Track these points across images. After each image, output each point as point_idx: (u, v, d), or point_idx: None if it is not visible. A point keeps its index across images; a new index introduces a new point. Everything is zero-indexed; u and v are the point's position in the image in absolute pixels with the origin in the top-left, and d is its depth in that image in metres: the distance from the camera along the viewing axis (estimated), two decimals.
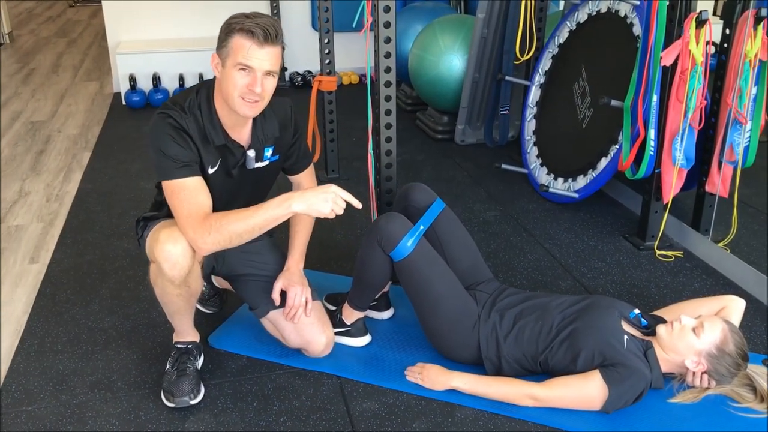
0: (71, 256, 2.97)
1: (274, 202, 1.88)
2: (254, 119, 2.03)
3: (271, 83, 1.93)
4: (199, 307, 2.52)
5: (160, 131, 1.92)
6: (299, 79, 5.62)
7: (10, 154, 4.21)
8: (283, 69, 5.66)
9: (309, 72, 5.68)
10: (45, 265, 2.90)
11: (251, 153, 2.06)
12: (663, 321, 2.14)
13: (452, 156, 4.12)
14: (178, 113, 1.93)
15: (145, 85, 5.14)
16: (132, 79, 5.04)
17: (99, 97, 5.46)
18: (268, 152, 2.10)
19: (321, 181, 3.67)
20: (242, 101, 1.91)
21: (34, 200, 3.56)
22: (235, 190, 2.10)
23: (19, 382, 2.20)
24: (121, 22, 5.39)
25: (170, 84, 5.17)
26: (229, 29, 1.86)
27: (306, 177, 2.33)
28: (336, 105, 3.73)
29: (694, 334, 2.02)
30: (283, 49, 1.93)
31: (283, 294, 2.16)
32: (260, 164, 2.10)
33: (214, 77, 1.98)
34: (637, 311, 2.16)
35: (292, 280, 2.17)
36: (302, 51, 5.64)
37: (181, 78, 5.11)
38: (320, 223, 3.21)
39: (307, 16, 5.70)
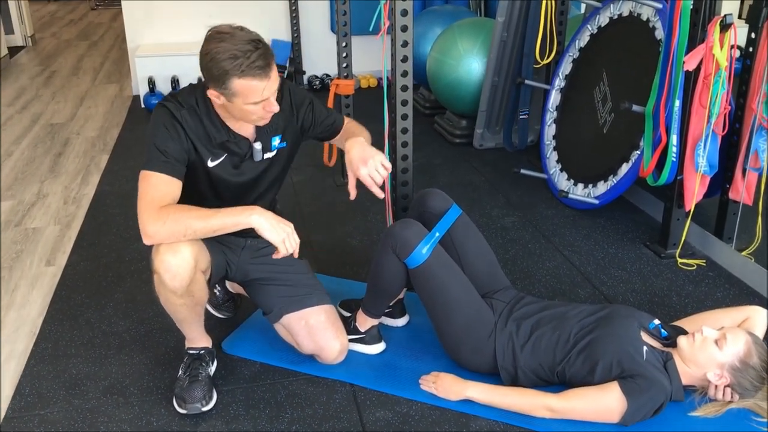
0: (87, 258, 2.97)
1: (237, 209, 1.88)
2: None
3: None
4: (213, 312, 2.51)
5: (155, 122, 1.93)
6: (317, 82, 5.61)
7: (30, 156, 4.24)
8: (302, 72, 5.66)
9: (327, 75, 5.67)
10: (61, 268, 2.90)
11: (258, 146, 2.04)
12: (684, 332, 2.08)
13: (470, 160, 4.08)
14: (175, 105, 1.94)
15: (164, 88, 5.16)
16: (151, 82, 5.06)
17: (118, 99, 5.49)
18: (276, 141, 2.09)
19: (338, 186, 3.69)
20: (261, 120, 1.95)
21: (51, 202, 3.58)
22: (247, 182, 2.08)
23: (33, 385, 2.20)
24: (140, 25, 5.41)
25: None
26: (225, 74, 1.79)
27: (350, 127, 2.29)
28: (353, 108, 3.70)
29: (716, 347, 1.97)
30: None
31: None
32: (269, 155, 2.09)
33: None
34: (657, 321, 2.11)
35: (352, 160, 2.06)
36: (320, 54, 5.64)
37: (199, 81, 5.11)
38: (334, 229, 3.22)
39: (326, 19, 5.69)
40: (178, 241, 1.86)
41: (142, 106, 5.14)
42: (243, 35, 1.83)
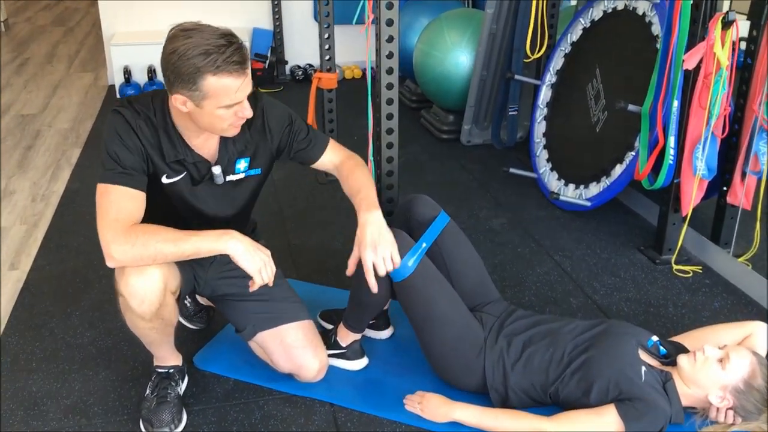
0: (53, 262, 2.81)
1: (213, 234, 1.72)
2: None
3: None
4: (185, 323, 2.36)
5: (110, 129, 1.76)
6: (300, 72, 5.43)
7: None
8: (284, 62, 5.49)
9: (310, 65, 5.50)
10: (25, 273, 2.74)
11: (216, 170, 1.87)
12: (683, 349, 1.97)
13: (458, 157, 3.95)
14: (131, 113, 1.76)
15: (140, 78, 4.96)
16: (127, 72, 4.87)
17: (93, 89, 5.29)
18: (241, 164, 1.92)
19: (321, 184, 3.54)
20: (232, 127, 1.78)
21: (18, 200, 3.40)
22: (205, 202, 1.92)
23: None
24: (116, 13, 5.20)
25: None
26: (196, 72, 1.62)
27: (352, 168, 2.06)
28: (336, 102, 3.56)
29: (719, 367, 1.85)
30: None
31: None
32: (233, 177, 1.92)
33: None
34: (655, 338, 2.00)
35: (363, 240, 1.88)
36: (303, 43, 5.47)
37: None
38: (316, 231, 3.07)
39: (309, 7, 5.51)
40: (145, 265, 1.70)
41: (118, 96, 4.95)
42: (212, 30, 1.66)
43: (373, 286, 1.88)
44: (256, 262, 1.74)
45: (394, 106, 2.33)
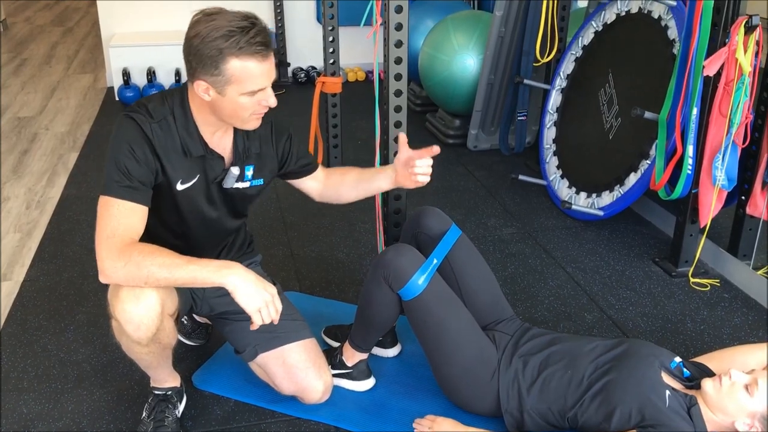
0: (48, 273, 2.71)
1: (212, 265, 1.58)
2: (235, 129, 1.78)
3: None
4: (183, 340, 2.26)
5: (120, 137, 1.65)
6: (302, 75, 5.34)
7: None
8: (286, 64, 5.39)
9: (313, 68, 5.40)
10: (18, 284, 2.64)
11: (235, 170, 1.80)
12: (708, 372, 1.87)
13: (464, 163, 3.84)
14: (144, 117, 1.66)
15: (139, 80, 4.87)
16: (126, 74, 4.77)
17: (92, 91, 5.19)
18: (249, 172, 1.84)
19: None
20: (255, 117, 1.69)
21: (12, 207, 3.30)
22: (209, 210, 1.82)
23: None
24: (115, 13, 5.10)
25: (166, 79, 4.89)
26: (219, 55, 1.55)
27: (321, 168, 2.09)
28: (341, 107, 3.46)
29: (746, 393, 1.75)
30: None
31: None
32: (240, 185, 1.83)
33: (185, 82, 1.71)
34: (678, 360, 1.89)
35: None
36: (306, 45, 5.37)
37: (177, 73, 4.84)
38: (319, 241, 2.98)
39: (312, 8, 5.41)
40: (136, 286, 1.59)
41: (116, 99, 4.85)
42: (235, 12, 1.60)
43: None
44: (256, 301, 1.58)
45: (403, 114, 2.23)
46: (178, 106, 1.70)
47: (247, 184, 1.85)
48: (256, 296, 1.58)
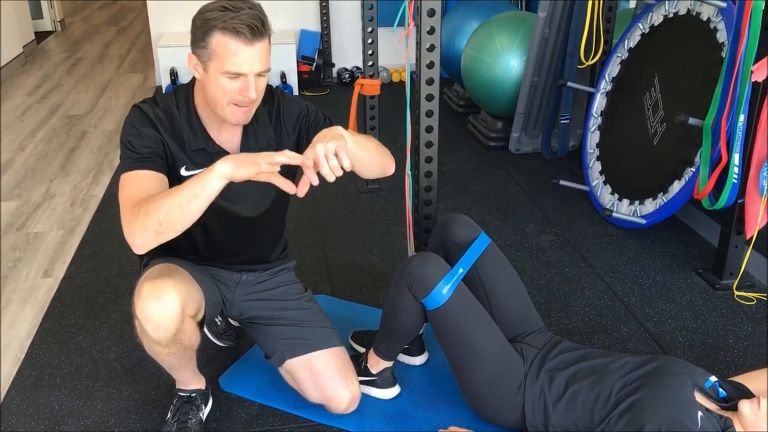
0: (87, 270, 2.77)
1: (197, 175, 1.52)
2: (246, 124, 1.76)
3: (264, 82, 1.67)
4: (213, 340, 2.28)
5: (127, 122, 1.71)
6: (347, 75, 5.34)
7: (43, 151, 4.06)
8: (331, 65, 5.39)
9: (357, 68, 5.40)
10: (58, 281, 2.70)
11: None
12: (746, 392, 1.78)
13: (505, 166, 3.78)
14: (149, 105, 1.72)
15: (186, 79, 4.92)
16: (173, 73, 4.85)
17: (141, 90, 5.29)
18: None
19: (362, 192, 3.43)
20: (234, 108, 1.65)
21: (58, 204, 3.38)
22: (225, 198, 1.76)
23: (9, 421, 1.99)
24: (165, 13, 5.20)
25: None
26: (206, 26, 1.57)
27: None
28: (379, 109, 3.44)
29: None
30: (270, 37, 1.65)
31: None
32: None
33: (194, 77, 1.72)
34: (713, 379, 1.81)
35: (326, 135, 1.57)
36: (351, 46, 5.37)
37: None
38: (353, 244, 2.96)
39: (358, 8, 5.40)
40: (161, 235, 1.53)
41: None
42: (243, 0, 1.60)
43: (313, 179, 1.56)
44: (252, 168, 1.48)
45: (434, 119, 2.19)
46: (182, 98, 1.73)
47: None
48: (247, 166, 1.48)
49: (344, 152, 1.52)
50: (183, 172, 1.74)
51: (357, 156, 1.63)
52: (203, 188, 1.50)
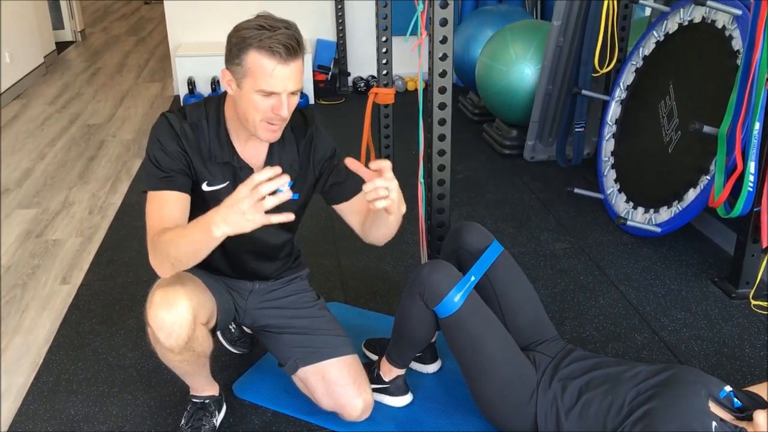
0: (103, 278, 2.80)
1: (200, 223, 1.51)
2: (271, 143, 1.78)
3: (296, 100, 1.68)
4: (228, 347, 2.29)
5: (153, 134, 1.72)
6: (362, 84, 5.37)
7: (62, 160, 4.11)
8: (347, 74, 5.42)
9: (373, 77, 5.42)
10: (75, 287, 2.74)
11: None
12: (761, 402, 1.77)
13: (520, 174, 3.78)
14: (176, 117, 1.72)
15: (204, 89, 4.99)
16: (191, 83, 4.89)
17: (159, 99, 5.35)
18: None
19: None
20: (266, 126, 1.67)
21: (76, 212, 3.43)
22: None
23: (26, 427, 2.02)
24: (182, 24, 5.26)
25: None
26: (242, 44, 1.59)
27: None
28: (393, 118, 3.46)
29: None
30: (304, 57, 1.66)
31: None
32: None
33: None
34: (728, 389, 1.80)
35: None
36: (367, 55, 5.39)
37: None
38: (367, 251, 2.97)
39: (373, 18, 5.42)
40: (178, 269, 1.63)
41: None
42: (278, 18, 1.63)
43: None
44: (248, 224, 1.45)
45: (447, 127, 2.20)
46: (213, 110, 1.74)
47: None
48: (243, 222, 1.45)
49: (390, 207, 1.59)
50: (205, 187, 1.76)
51: (389, 222, 1.72)
52: (206, 245, 1.54)
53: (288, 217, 1.46)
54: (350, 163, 1.60)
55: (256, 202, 1.41)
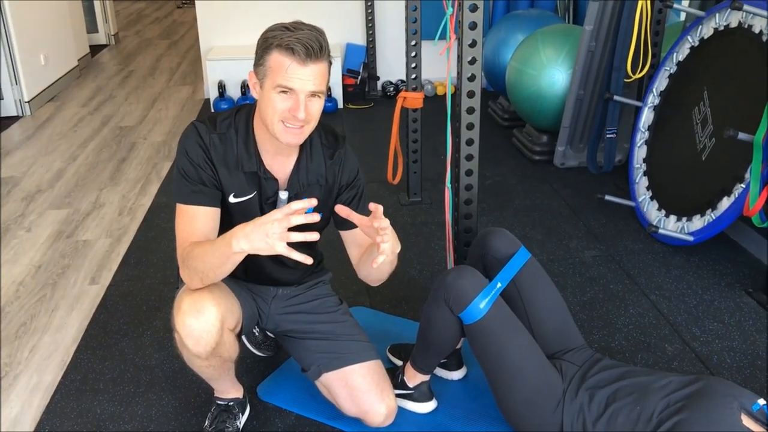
0: (131, 279, 2.82)
1: (225, 238, 1.53)
2: (299, 156, 1.77)
3: (317, 105, 1.66)
4: (253, 350, 2.30)
5: (181, 146, 1.72)
6: (392, 89, 5.36)
7: (93, 161, 4.16)
8: (376, 78, 5.43)
9: (402, 81, 5.41)
10: (104, 288, 2.76)
11: (283, 195, 1.77)
12: None
13: (549, 180, 3.74)
14: (206, 128, 1.72)
15: (234, 92, 5.03)
16: (221, 86, 4.94)
17: (190, 102, 5.41)
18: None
19: (403, 205, 3.43)
20: (284, 127, 1.65)
21: (107, 213, 3.47)
22: None
23: (53, 424, 2.04)
24: (213, 27, 5.30)
25: None
26: (265, 45, 1.60)
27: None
28: (421, 122, 3.43)
29: None
30: (330, 64, 1.66)
31: None
32: None
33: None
34: (762, 402, 1.75)
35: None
36: (396, 59, 5.39)
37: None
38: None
39: (403, 22, 5.41)
40: (206, 283, 1.66)
41: (212, 110, 5.02)
42: (307, 24, 1.64)
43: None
44: (265, 247, 1.47)
45: (475, 132, 2.18)
46: (242, 121, 1.74)
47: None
48: (262, 243, 1.47)
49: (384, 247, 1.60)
50: (231, 199, 1.76)
51: (381, 265, 1.67)
52: (228, 260, 1.57)
53: (312, 236, 1.48)
54: (340, 209, 1.62)
55: (283, 231, 1.43)
